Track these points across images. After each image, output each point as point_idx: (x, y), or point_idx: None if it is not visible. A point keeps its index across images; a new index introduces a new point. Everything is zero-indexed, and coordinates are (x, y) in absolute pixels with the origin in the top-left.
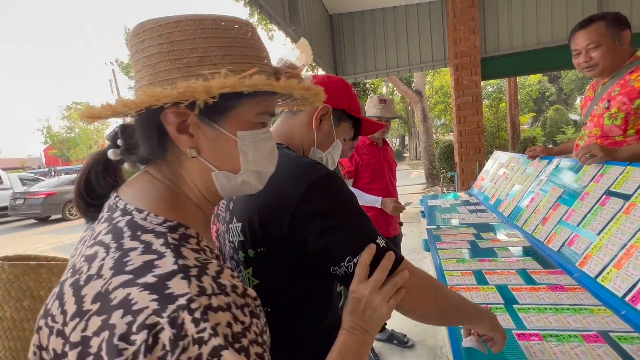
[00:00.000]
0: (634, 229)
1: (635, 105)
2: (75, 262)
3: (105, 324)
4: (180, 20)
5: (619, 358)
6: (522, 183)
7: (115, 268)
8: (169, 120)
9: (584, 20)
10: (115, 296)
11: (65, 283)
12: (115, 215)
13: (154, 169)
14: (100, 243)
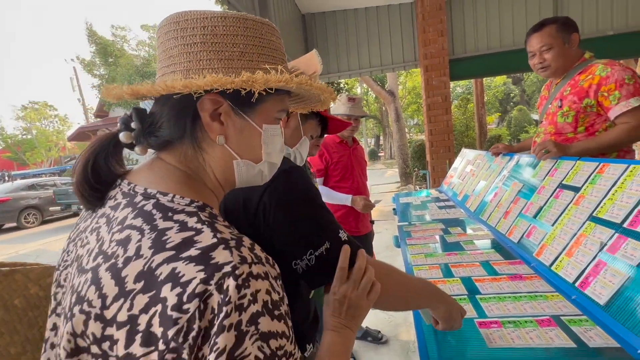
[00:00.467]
0: (582, 219)
1: (584, 104)
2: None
3: (155, 299)
4: (226, 17)
5: (569, 339)
6: (487, 179)
7: (155, 247)
8: (205, 107)
9: (537, 24)
10: (161, 272)
11: (100, 268)
12: (138, 200)
13: (169, 154)
14: (132, 227)
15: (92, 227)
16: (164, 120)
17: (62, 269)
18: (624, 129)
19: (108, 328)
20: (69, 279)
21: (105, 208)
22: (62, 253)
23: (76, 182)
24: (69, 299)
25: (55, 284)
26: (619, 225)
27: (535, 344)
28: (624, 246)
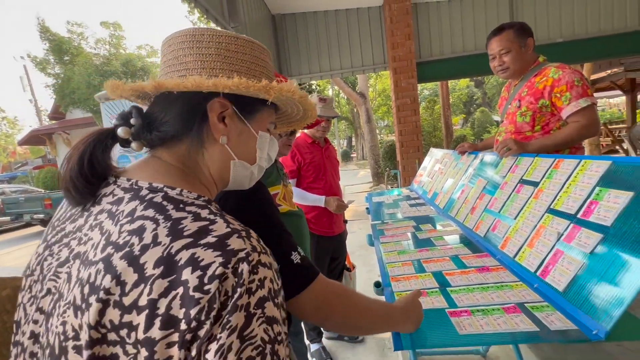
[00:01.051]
0: (541, 211)
1: (539, 105)
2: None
3: (175, 283)
4: (238, 38)
5: (532, 324)
6: (454, 177)
7: (173, 234)
8: (214, 108)
9: (497, 29)
10: (181, 257)
11: (113, 258)
12: (144, 194)
13: (166, 151)
14: (144, 217)
15: (90, 224)
16: (171, 117)
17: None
18: (575, 127)
19: (126, 315)
20: (71, 274)
21: (102, 205)
22: (38, 257)
23: (69, 176)
24: (76, 292)
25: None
26: (574, 216)
27: (502, 329)
28: (579, 235)
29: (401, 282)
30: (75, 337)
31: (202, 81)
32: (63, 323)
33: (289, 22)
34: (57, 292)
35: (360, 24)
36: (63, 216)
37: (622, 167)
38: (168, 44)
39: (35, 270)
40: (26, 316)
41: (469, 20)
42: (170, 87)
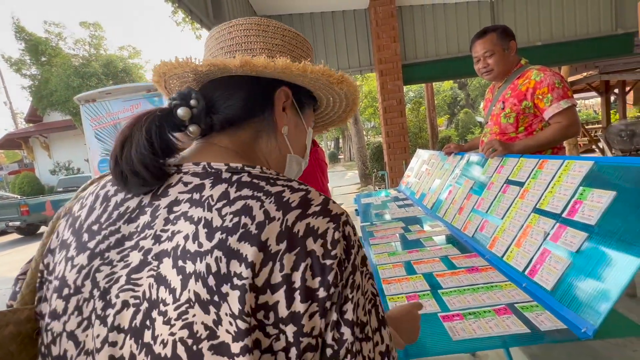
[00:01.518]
0: (527, 211)
1: (522, 106)
2: (213, 226)
3: (302, 255)
4: (298, 34)
5: (523, 325)
6: (441, 177)
7: (282, 208)
8: (281, 96)
9: (480, 32)
10: (298, 229)
11: (229, 242)
12: (227, 176)
13: (225, 137)
14: (243, 197)
15: (166, 218)
16: (237, 101)
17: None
18: (556, 128)
19: (261, 296)
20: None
21: (172, 196)
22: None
23: (136, 157)
24: (196, 287)
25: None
26: (559, 215)
27: (495, 332)
28: (564, 234)
29: (392, 285)
30: (211, 335)
31: (291, 64)
32: (187, 325)
33: None
34: (146, 300)
35: (347, 26)
36: (105, 217)
37: (604, 167)
38: (226, 29)
39: (83, 285)
40: (79, 344)
41: (452, 23)
42: (259, 65)
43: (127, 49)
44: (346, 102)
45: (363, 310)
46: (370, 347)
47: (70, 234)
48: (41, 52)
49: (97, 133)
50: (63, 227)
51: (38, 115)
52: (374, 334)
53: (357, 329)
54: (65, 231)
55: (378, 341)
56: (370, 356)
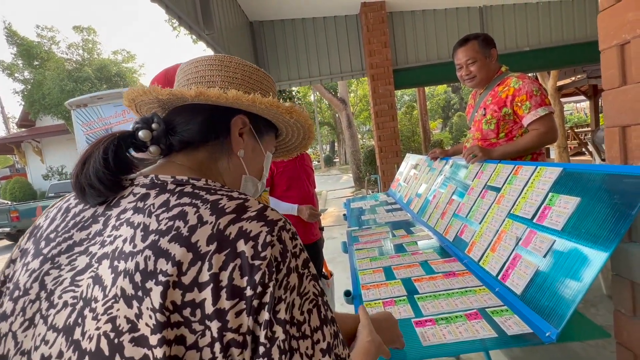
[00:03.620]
0: (502, 216)
1: (503, 113)
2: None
3: (232, 255)
4: (259, 70)
5: (491, 330)
6: (427, 182)
7: (216, 213)
8: (237, 123)
9: (462, 39)
10: (230, 232)
11: (160, 243)
12: (172, 187)
13: (184, 157)
14: (181, 204)
15: (113, 225)
16: (194, 125)
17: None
18: (535, 134)
19: (188, 294)
20: (99, 276)
21: (122, 206)
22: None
23: (94, 171)
24: (124, 284)
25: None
26: (530, 220)
27: (464, 337)
28: (534, 239)
29: (371, 291)
30: (132, 328)
31: (241, 95)
32: (111, 319)
33: (267, 29)
34: (82, 299)
35: (338, 31)
36: (62, 226)
37: (571, 174)
38: (193, 64)
39: (31, 288)
40: (18, 344)
41: (442, 29)
42: (212, 96)
43: (121, 53)
44: (303, 130)
45: (299, 310)
46: (308, 345)
47: (31, 243)
48: (34, 56)
49: (89, 138)
50: (26, 239)
51: (30, 120)
52: (314, 332)
53: (293, 328)
54: (27, 241)
55: (319, 339)
56: (308, 353)
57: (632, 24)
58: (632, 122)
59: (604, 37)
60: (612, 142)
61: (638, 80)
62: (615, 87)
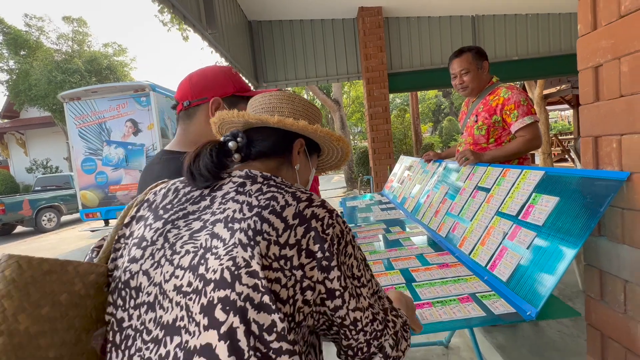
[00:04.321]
0: (491, 214)
1: (493, 120)
2: (252, 205)
3: (309, 229)
4: (314, 106)
5: (481, 310)
6: (421, 183)
7: (296, 200)
8: (297, 144)
9: (457, 51)
10: (307, 213)
11: (263, 212)
12: (260, 180)
13: (259, 163)
14: (272, 191)
15: (220, 202)
16: (269, 142)
17: (175, 240)
18: (521, 141)
19: (282, 250)
20: (215, 233)
21: (224, 190)
22: (158, 231)
23: (204, 164)
24: (240, 236)
25: (147, 259)
26: (516, 217)
27: (457, 316)
28: (519, 234)
29: None
30: (247, 265)
31: (308, 125)
32: (232, 259)
33: (265, 29)
34: (202, 248)
35: (335, 34)
36: (175, 201)
37: (552, 177)
38: (267, 97)
39: (157, 240)
40: (150, 278)
41: (436, 36)
42: (288, 124)
43: (112, 46)
44: (341, 153)
45: (357, 269)
46: (366, 290)
47: (147, 211)
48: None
49: (81, 132)
50: (138, 210)
51: (15, 111)
52: (368, 282)
53: (355, 280)
54: (143, 211)
55: (372, 286)
56: (366, 295)
57: (604, 50)
58: (603, 133)
59: (582, 60)
60: (587, 150)
61: (608, 98)
62: (589, 103)
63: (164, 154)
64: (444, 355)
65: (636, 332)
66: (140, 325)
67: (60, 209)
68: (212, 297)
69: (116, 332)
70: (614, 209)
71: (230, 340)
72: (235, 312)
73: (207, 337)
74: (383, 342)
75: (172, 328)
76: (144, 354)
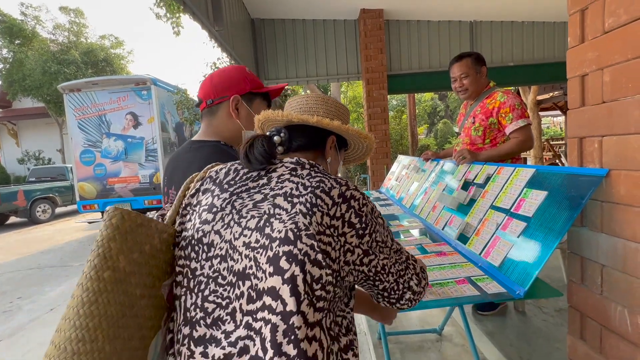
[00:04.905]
0: (486, 208)
1: (489, 122)
2: (305, 185)
3: (349, 206)
4: (343, 105)
5: (475, 290)
6: (419, 181)
7: (338, 184)
8: (330, 140)
9: (457, 56)
10: (347, 194)
11: (316, 191)
12: (308, 166)
13: (300, 155)
14: (318, 176)
15: (277, 181)
16: (307, 137)
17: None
18: (515, 142)
19: (332, 220)
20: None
21: (279, 172)
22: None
23: (258, 151)
24: (301, 207)
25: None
26: (509, 210)
27: (454, 295)
28: (511, 225)
29: None
30: (306, 229)
31: (341, 126)
32: (294, 223)
33: (268, 27)
34: (267, 214)
35: (337, 35)
36: (237, 178)
37: (542, 173)
38: (304, 98)
39: (226, 207)
40: (222, 236)
41: (435, 40)
42: (325, 123)
43: (108, 38)
44: (366, 148)
45: (383, 235)
46: (389, 248)
47: (212, 185)
48: (15, 34)
49: (81, 123)
50: (202, 184)
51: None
52: (392, 242)
53: (382, 243)
54: (207, 184)
55: (394, 246)
56: (390, 250)
57: (590, 61)
58: (587, 135)
59: (570, 69)
60: (572, 149)
61: (593, 104)
62: (576, 107)
63: (192, 144)
64: (438, 341)
65: (610, 311)
66: (213, 273)
67: (55, 200)
68: (278, 251)
69: (190, 279)
70: (595, 202)
71: (292, 284)
72: (296, 264)
73: (273, 281)
74: (409, 281)
75: (243, 274)
76: (220, 293)
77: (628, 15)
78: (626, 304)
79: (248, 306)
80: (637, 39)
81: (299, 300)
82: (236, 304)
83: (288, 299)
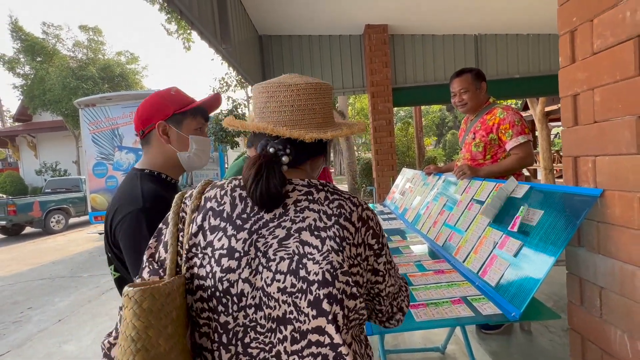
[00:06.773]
0: (484, 225)
1: (489, 138)
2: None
3: (368, 228)
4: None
5: (470, 311)
6: (421, 195)
7: (355, 205)
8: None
9: (458, 71)
10: (364, 215)
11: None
12: (321, 187)
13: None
14: (336, 199)
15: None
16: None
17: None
18: (515, 158)
19: (357, 249)
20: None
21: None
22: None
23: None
24: (332, 244)
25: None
26: (505, 228)
27: (449, 316)
28: (508, 243)
29: None
30: (340, 266)
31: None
32: (329, 263)
33: (275, 43)
34: (297, 254)
35: (342, 50)
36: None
37: (537, 191)
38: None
39: (250, 250)
40: (252, 284)
41: (440, 53)
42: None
43: (124, 54)
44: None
45: (389, 256)
46: (393, 267)
47: (220, 221)
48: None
49: (95, 137)
50: (203, 218)
51: (28, 115)
52: (392, 261)
53: (389, 264)
54: (213, 220)
55: (395, 266)
56: (393, 270)
57: (581, 81)
58: (581, 154)
59: (563, 88)
60: (567, 168)
61: (585, 123)
62: (570, 126)
63: (137, 171)
64: None
65: (610, 335)
66: (250, 322)
67: (68, 211)
68: (319, 294)
69: (222, 333)
70: (591, 222)
71: (335, 323)
72: (336, 304)
73: (317, 322)
74: (401, 303)
75: (283, 319)
76: (262, 340)
77: (614, 38)
78: (625, 329)
79: (292, 347)
80: (624, 61)
81: (342, 333)
82: (280, 347)
83: (334, 335)
